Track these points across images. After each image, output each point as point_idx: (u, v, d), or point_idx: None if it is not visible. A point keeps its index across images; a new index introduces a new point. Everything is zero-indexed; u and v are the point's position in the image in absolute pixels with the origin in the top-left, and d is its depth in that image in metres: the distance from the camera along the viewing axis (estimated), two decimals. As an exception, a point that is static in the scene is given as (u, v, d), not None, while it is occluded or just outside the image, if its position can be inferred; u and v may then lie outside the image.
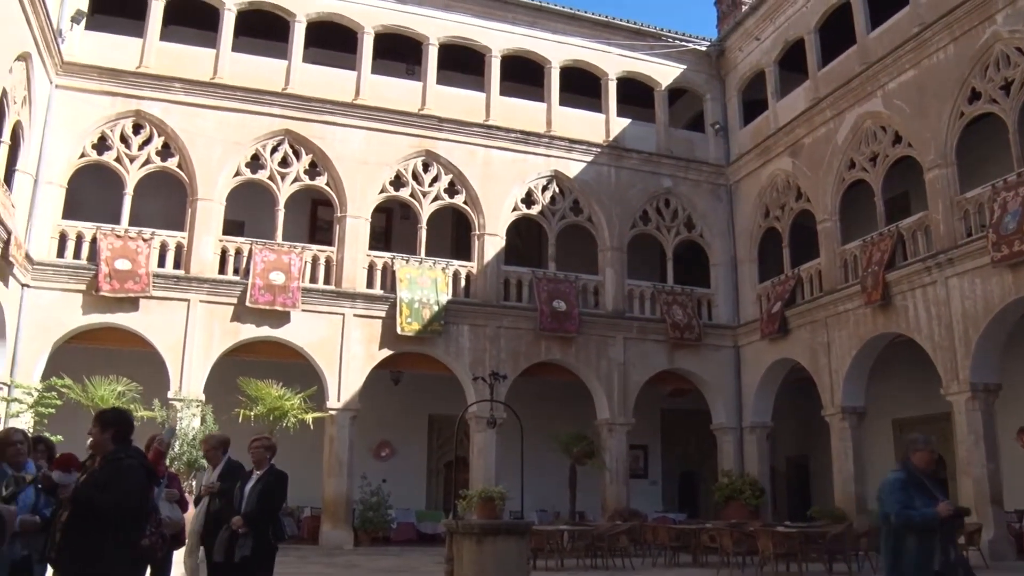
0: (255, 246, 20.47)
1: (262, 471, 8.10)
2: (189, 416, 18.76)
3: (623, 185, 24.12)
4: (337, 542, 20.03)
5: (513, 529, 11.57)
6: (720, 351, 24.01)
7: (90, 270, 19.25)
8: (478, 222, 22.57)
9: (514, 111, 23.64)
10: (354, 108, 22.05)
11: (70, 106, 19.92)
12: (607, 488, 22.56)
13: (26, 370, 18.38)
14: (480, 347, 21.77)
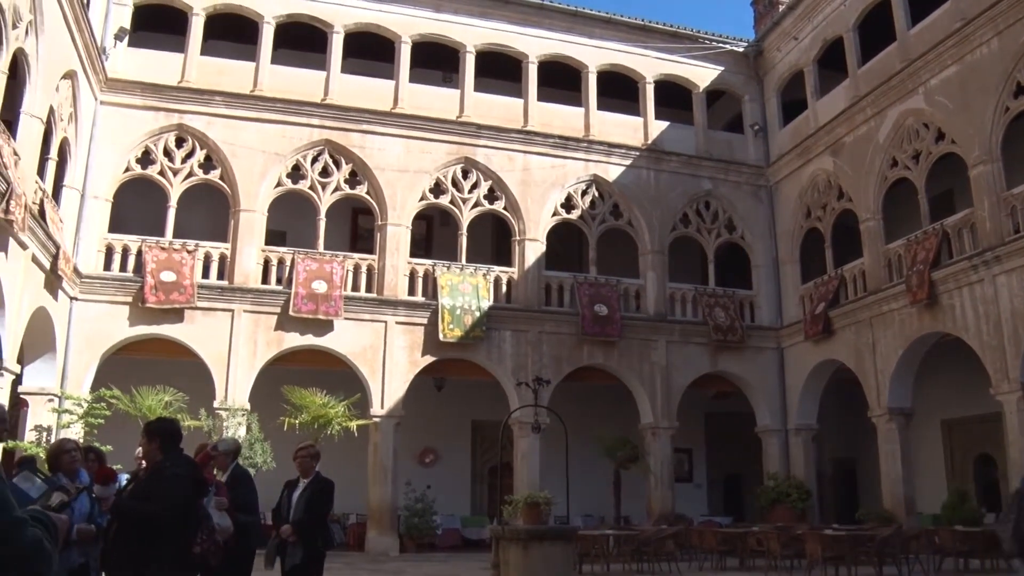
0: (297, 255, 20.65)
1: (308, 479, 8.15)
2: (235, 425, 18.95)
3: (663, 188, 24.04)
4: (383, 548, 20.11)
5: (559, 534, 11.55)
6: (763, 353, 23.83)
7: (136, 282, 19.52)
8: (518, 228, 22.60)
9: (552, 116, 23.66)
10: (393, 117, 22.18)
11: (115, 122, 20.24)
12: (652, 492, 22.46)
13: (76, 381, 18.71)
14: (522, 352, 21.78)
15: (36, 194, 15.90)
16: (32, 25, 15.08)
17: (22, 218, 14.22)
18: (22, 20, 14.57)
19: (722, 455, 27.25)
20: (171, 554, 5.89)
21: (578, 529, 14.74)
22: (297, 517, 7.86)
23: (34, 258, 15.82)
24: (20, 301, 15.25)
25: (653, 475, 22.32)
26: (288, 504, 8.08)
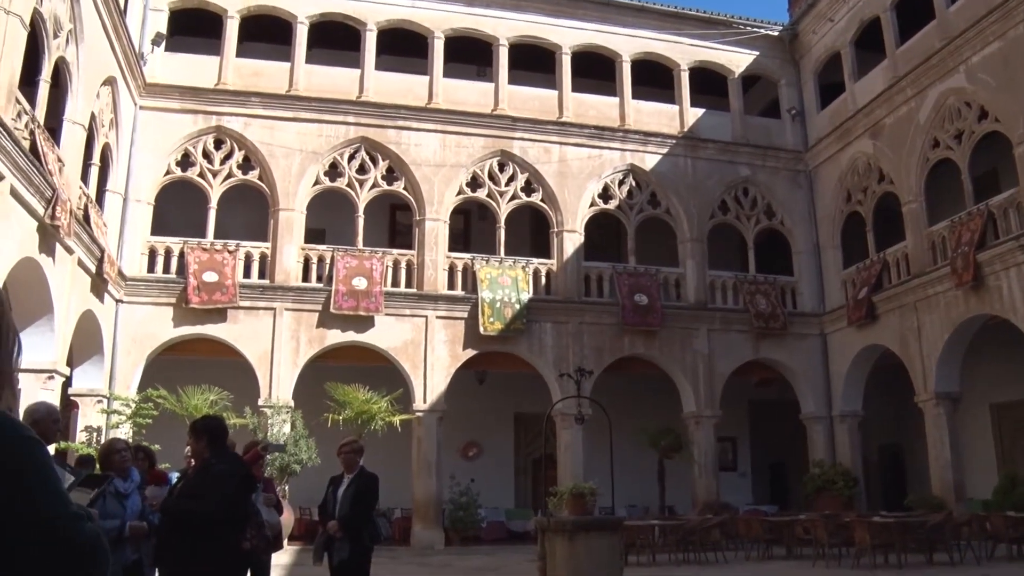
0: (337, 253, 20.79)
1: (353, 474, 8.17)
2: (279, 422, 19.14)
3: (700, 176, 23.90)
4: (428, 542, 20.21)
5: (605, 525, 11.54)
6: (806, 339, 23.63)
7: (179, 283, 19.76)
8: (556, 219, 22.58)
9: (587, 107, 23.61)
10: (428, 112, 22.24)
11: (154, 126, 20.48)
12: (696, 481, 22.38)
13: (124, 382, 19.00)
14: (563, 344, 21.77)
15: (80, 199, 16.14)
16: (72, 34, 15.30)
17: (68, 223, 14.43)
18: (62, 29, 14.79)
19: (766, 443, 27.08)
20: (221, 549, 6.00)
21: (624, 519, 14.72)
22: (343, 513, 7.87)
23: (80, 262, 16.06)
24: (68, 305, 15.49)
25: (697, 464, 22.24)
26: (334, 500, 8.09)
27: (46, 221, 13.83)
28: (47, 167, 13.66)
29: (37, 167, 13.21)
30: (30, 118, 13.53)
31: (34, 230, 13.73)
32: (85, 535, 1.63)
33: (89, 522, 1.68)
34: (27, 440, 1.61)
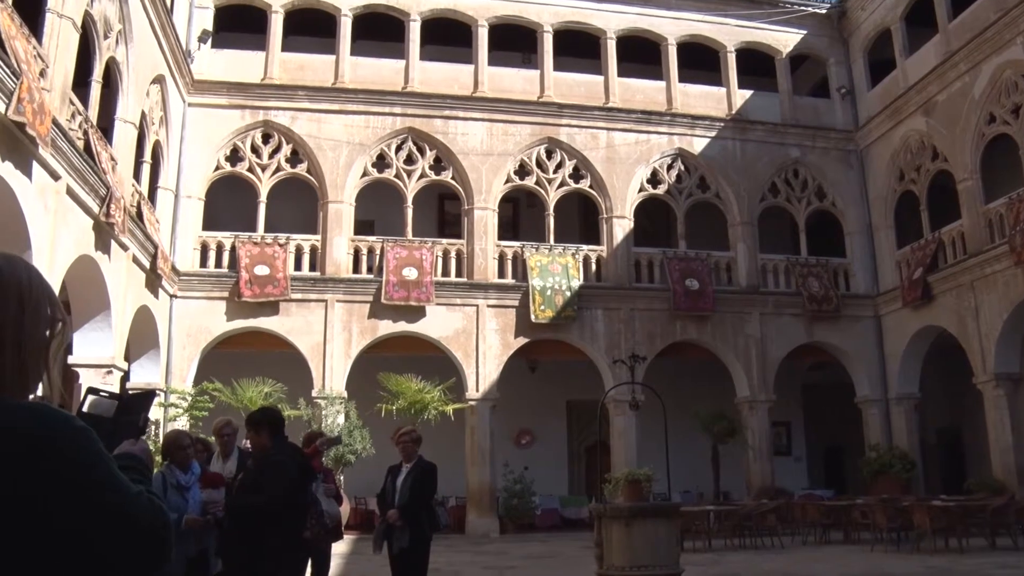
0: (387, 244, 20.87)
1: (411, 463, 8.18)
2: (333, 413, 19.29)
3: (749, 158, 23.64)
4: (483, 530, 20.27)
5: (662, 511, 11.46)
6: (860, 322, 23.31)
7: (231, 277, 19.96)
8: (605, 205, 22.47)
9: (634, 92, 23.44)
10: (474, 101, 22.22)
11: (203, 122, 20.69)
12: (751, 466, 22.21)
13: (179, 376, 19.28)
14: (615, 330, 21.70)
15: (133, 197, 16.36)
16: (122, 34, 15.49)
17: (122, 220, 14.63)
18: (112, 30, 14.98)
19: (821, 427, 26.76)
20: (284, 539, 6.08)
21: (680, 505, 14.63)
22: (402, 502, 7.87)
23: (134, 258, 16.30)
24: (124, 300, 15.72)
25: (751, 449, 22.07)
26: (392, 489, 8.11)
27: (101, 219, 14.04)
28: (101, 166, 13.86)
29: (91, 166, 13.42)
30: (83, 118, 13.72)
31: (90, 228, 13.96)
32: (145, 510, 1.62)
33: (150, 496, 1.67)
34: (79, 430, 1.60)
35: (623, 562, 10.87)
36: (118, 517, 1.57)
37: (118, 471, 1.62)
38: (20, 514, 1.50)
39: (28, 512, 1.51)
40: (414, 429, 8.86)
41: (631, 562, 10.85)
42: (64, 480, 1.53)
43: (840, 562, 14.57)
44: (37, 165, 11.59)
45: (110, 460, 1.63)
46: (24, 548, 1.51)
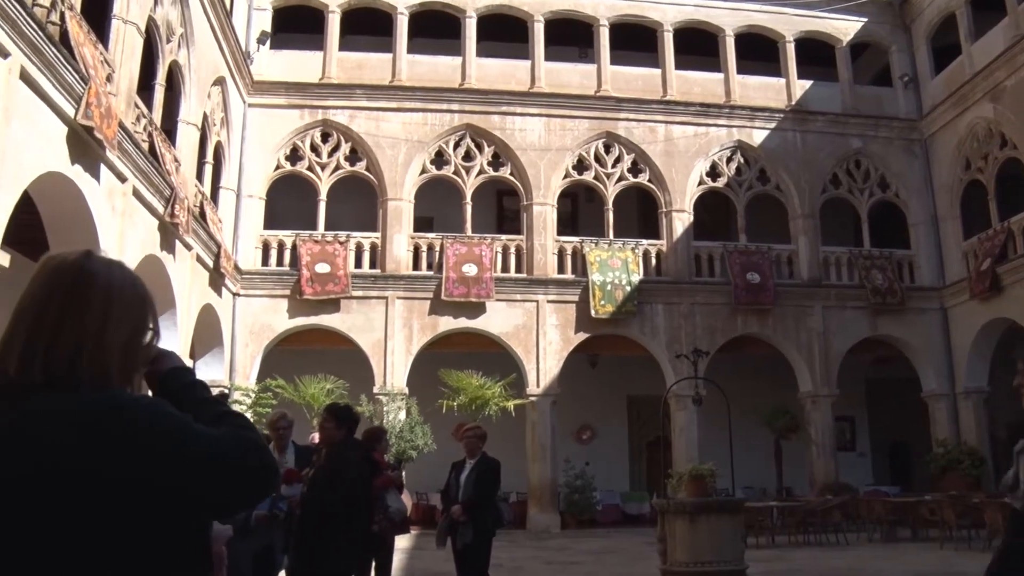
0: (446, 240, 20.96)
1: (475, 459, 8.22)
2: (395, 409, 19.42)
3: (810, 149, 23.31)
4: (544, 525, 20.27)
5: (727, 506, 11.37)
6: (926, 314, 22.85)
7: (292, 275, 20.19)
8: (664, 199, 22.33)
9: (691, 84, 23.26)
10: (531, 96, 22.21)
11: (263, 122, 20.95)
12: (814, 462, 21.92)
13: (243, 373, 19.57)
14: (675, 325, 21.55)
15: (196, 197, 16.59)
16: (183, 38, 15.74)
17: (186, 220, 14.87)
18: (174, 34, 15.23)
19: (886, 422, 26.30)
20: (352, 533, 6.19)
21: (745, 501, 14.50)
22: (466, 497, 7.94)
23: (198, 258, 16.56)
24: (189, 299, 15.98)
25: (814, 444, 21.78)
26: (456, 485, 8.17)
27: (166, 219, 14.28)
28: (165, 167, 14.09)
29: (156, 168, 13.65)
30: (148, 121, 13.95)
31: (155, 228, 14.20)
32: (232, 448, 1.65)
33: (235, 432, 1.69)
34: (169, 413, 1.64)
35: (687, 558, 10.80)
36: (207, 464, 1.61)
37: (193, 423, 1.65)
38: (114, 492, 1.54)
39: (120, 489, 1.55)
40: (479, 425, 8.89)
41: (695, 558, 10.78)
42: (148, 449, 1.57)
43: (909, 560, 14.33)
44: (105, 168, 11.81)
45: (183, 417, 1.65)
46: (123, 521, 1.56)
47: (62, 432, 1.54)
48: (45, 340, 1.62)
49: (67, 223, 11.33)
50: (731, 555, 11.00)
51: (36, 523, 1.53)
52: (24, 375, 1.61)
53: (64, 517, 1.53)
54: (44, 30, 9.58)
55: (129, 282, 1.76)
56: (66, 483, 1.52)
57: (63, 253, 1.75)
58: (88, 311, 1.66)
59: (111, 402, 1.61)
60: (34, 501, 1.53)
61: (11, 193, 9.40)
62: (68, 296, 1.66)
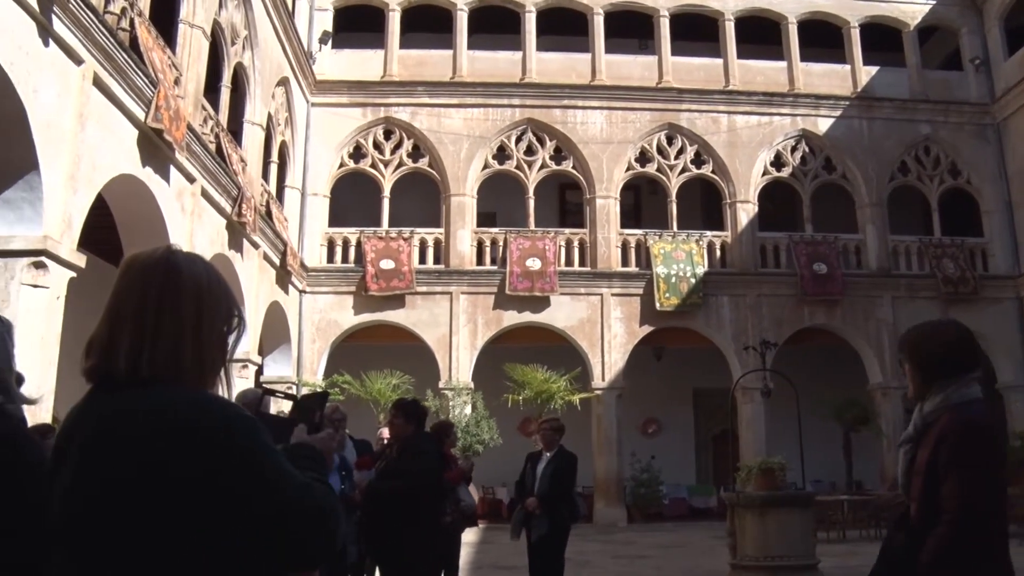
0: (509, 235, 21.01)
1: (552, 452, 8.20)
2: (460, 404, 19.53)
3: (877, 137, 22.88)
4: (611, 519, 20.23)
5: (797, 500, 11.27)
6: (1000, 304, 22.30)
7: (358, 272, 20.40)
8: (728, 190, 22.11)
9: (754, 73, 22.97)
10: (592, 90, 22.14)
11: (326, 121, 21.18)
12: (885, 455, 21.50)
13: (310, 369, 19.85)
14: (741, 317, 21.35)
15: (262, 196, 16.85)
16: (247, 40, 15.98)
17: (253, 219, 15.10)
18: (239, 36, 15.47)
19: (960, 414, 25.65)
20: (424, 524, 6.26)
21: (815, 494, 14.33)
22: (543, 490, 7.93)
23: (265, 256, 16.81)
24: (256, 297, 16.23)
25: (885, 437, 21.38)
26: (532, 477, 8.15)
27: (233, 218, 14.52)
28: (232, 167, 14.32)
29: (223, 168, 13.89)
30: (215, 122, 14.19)
31: (223, 227, 14.45)
32: (315, 496, 1.67)
33: (319, 484, 1.72)
34: (249, 419, 1.67)
35: (757, 552, 10.71)
36: (284, 505, 1.62)
37: (285, 461, 1.68)
38: (190, 497, 1.57)
39: (197, 499, 1.57)
40: (556, 417, 8.90)
41: (765, 552, 10.69)
42: (233, 468, 1.59)
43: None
44: (174, 169, 12.05)
45: (277, 451, 1.68)
46: (195, 532, 1.57)
47: (160, 429, 1.58)
48: (149, 337, 1.66)
49: (139, 224, 11.60)
50: (802, 549, 10.88)
51: (137, 520, 1.56)
52: (132, 372, 1.65)
53: (155, 513, 1.56)
54: (115, 36, 9.81)
55: (214, 276, 1.80)
56: (163, 482, 1.56)
57: (148, 251, 1.79)
58: (183, 307, 1.71)
59: (216, 401, 1.68)
60: (134, 498, 1.56)
61: (86, 195, 9.66)
62: (162, 293, 1.70)
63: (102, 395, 1.66)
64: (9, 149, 8.47)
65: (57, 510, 1.65)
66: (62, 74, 9.00)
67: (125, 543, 1.57)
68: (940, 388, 2.98)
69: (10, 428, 2.21)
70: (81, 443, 1.63)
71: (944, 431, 2.90)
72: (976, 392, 2.99)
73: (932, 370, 3.03)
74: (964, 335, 3.08)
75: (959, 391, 2.96)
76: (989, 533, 2.83)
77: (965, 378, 2.98)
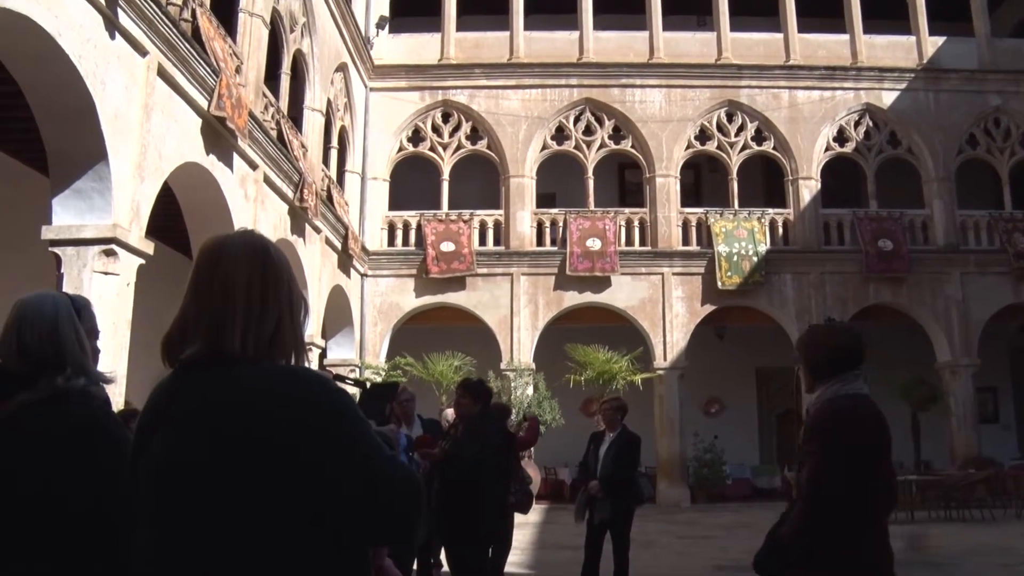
0: (569, 215, 20.98)
1: (615, 433, 8.11)
2: (522, 385, 19.58)
3: (943, 109, 22.36)
4: (674, 500, 20.18)
5: (863, 481, 11.10)
6: (1075, 278, 21.73)
7: (418, 255, 20.54)
8: (790, 167, 21.81)
9: (815, 47, 22.57)
10: (650, 68, 21.96)
11: (384, 105, 21.30)
12: (954, 435, 21.17)
13: (373, 352, 20.09)
14: (804, 295, 21.08)
15: (323, 181, 17.01)
16: (306, 27, 16.10)
17: (314, 204, 15.28)
18: (297, 24, 15.59)
19: (1032, 392, 25.14)
20: (492, 500, 6.33)
21: (882, 475, 14.12)
22: (605, 473, 7.83)
23: (327, 240, 17.00)
24: (319, 281, 16.43)
25: (954, 417, 21.03)
26: (595, 458, 8.06)
27: (295, 204, 14.69)
28: (293, 153, 14.47)
29: (284, 154, 14.04)
30: (275, 109, 14.34)
31: (286, 213, 14.63)
32: (404, 474, 1.70)
33: (402, 464, 1.75)
34: (341, 391, 1.72)
35: (824, 533, 10.60)
36: (379, 475, 1.65)
37: (377, 436, 1.71)
38: (287, 470, 1.61)
39: (294, 468, 1.61)
40: (618, 396, 8.81)
41: (832, 533, 10.57)
42: (327, 437, 1.63)
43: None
44: (237, 156, 12.21)
45: (370, 426, 1.72)
46: (289, 504, 1.61)
47: (266, 403, 1.64)
48: (256, 318, 1.73)
49: (204, 211, 11.79)
50: (869, 530, 10.75)
51: (234, 491, 1.61)
52: (243, 350, 1.71)
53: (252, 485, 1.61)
54: (178, 27, 9.96)
55: (286, 258, 1.88)
56: (264, 454, 1.61)
57: (238, 235, 1.86)
58: (281, 288, 1.79)
59: (316, 376, 1.75)
60: (234, 469, 1.61)
61: (153, 184, 9.84)
62: (265, 275, 1.78)
63: (199, 373, 1.70)
64: (79, 141, 8.67)
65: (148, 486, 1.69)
66: (128, 66, 9.16)
67: (219, 515, 1.61)
68: (825, 384, 3.36)
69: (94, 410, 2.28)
70: (179, 419, 1.68)
71: (810, 421, 3.33)
72: (857, 388, 3.33)
73: (819, 369, 3.41)
74: (851, 340, 3.46)
75: (834, 387, 3.32)
76: (842, 515, 3.11)
77: (846, 375, 3.33)
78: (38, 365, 2.28)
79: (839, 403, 3.28)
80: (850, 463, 3.14)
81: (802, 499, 3.20)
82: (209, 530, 1.61)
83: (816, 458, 3.19)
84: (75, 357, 2.31)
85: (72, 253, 8.65)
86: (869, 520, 3.21)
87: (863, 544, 3.15)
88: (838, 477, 3.11)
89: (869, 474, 3.19)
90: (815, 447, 3.22)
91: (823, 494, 3.13)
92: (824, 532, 3.12)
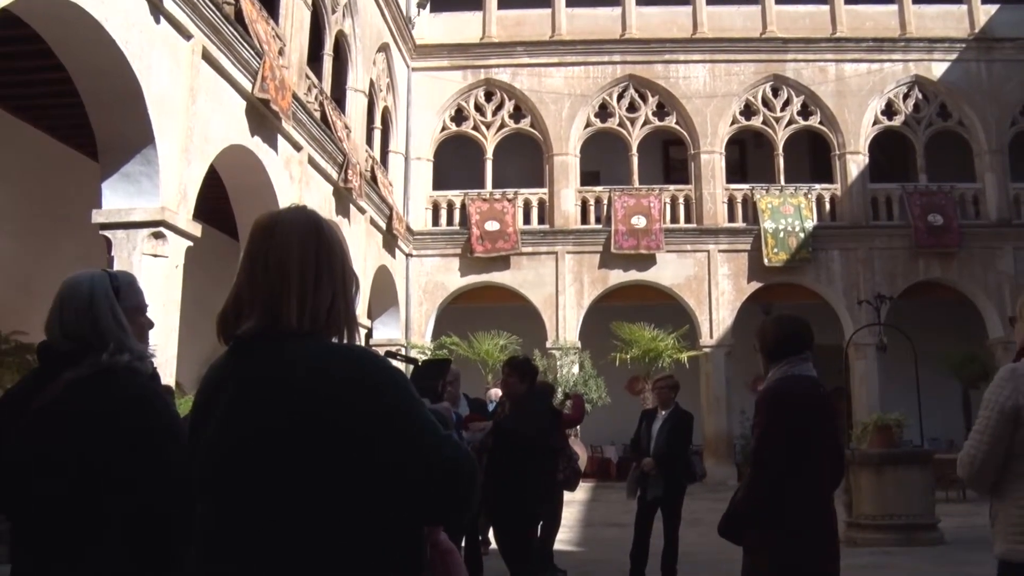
0: (613, 193, 20.89)
1: (668, 410, 8.11)
2: (568, 363, 19.58)
3: (996, 80, 21.87)
4: (721, 478, 20.00)
5: (915, 457, 11.08)
6: None
7: (463, 234, 20.57)
8: (837, 141, 21.49)
9: (863, 18, 22.17)
10: (694, 43, 21.73)
11: (427, 85, 21.28)
12: (1008, 411, 20.80)
13: (418, 331, 20.18)
14: (852, 271, 20.82)
15: (367, 162, 17.07)
16: (347, 8, 16.13)
17: (358, 185, 15.34)
18: (339, 4, 15.64)
19: (1088, 367, 24.59)
20: (539, 477, 6.35)
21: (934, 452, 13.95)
22: (658, 450, 7.83)
23: (372, 220, 17.09)
24: (364, 261, 16.51)
25: (1008, 393, 20.65)
26: (647, 436, 8.06)
27: (340, 184, 14.77)
28: (337, 135, 14.53)
29: (328, 135, 14.11)
30: (319, 91, 14.39)
31: (330, 194, 14.72)
32: (462, 455, 1.69)
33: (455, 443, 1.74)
34: (395, 369, 1.72)
35: (874, 511, 10.57)
36: (433, 454, 1.65)
37: (431, 415, 1.71)
38: (343, 447, 1.61)
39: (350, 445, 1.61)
40: (671, 375, 8.83)
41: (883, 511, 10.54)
42: (387, 420, 1.64)
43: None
44: (281, 138, 12.29)
45: (424, 404, 1.72)
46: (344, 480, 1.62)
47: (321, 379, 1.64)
48: (311, 293, 1.73)
49: (250, 193, 11.88)
50: (921, 508, 10.71)
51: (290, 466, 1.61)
52: (299, 326, 1.71)
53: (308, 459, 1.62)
54: (221, 10, 10.03)
55: (339, 234, 1.87)
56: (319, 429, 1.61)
57: (291, 211, 1.85)
58: (335, 264, 1.79)
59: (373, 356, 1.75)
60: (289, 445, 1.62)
61: (199, 167, 9.94)
62: (319, 251, 1.77)
63: (255, 349, 1.71)
64: (127, 125, 8.77)
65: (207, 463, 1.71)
66: (173, 50, 9.24)
67: (279, 492, 1.62)
68: (774, 367, 3.74)
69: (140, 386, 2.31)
70: (237, 396, 1.68)
71: (758, 398, 3.72)
72: (803, 370, 3.70)
73: (772, 354, 3.77)
74: (798, 327, 3.82)
75: (783, 368, 3.69)
76: (784, 482, 3.49)
77: (793, 359, 3.70)
78: (79, 343, 2.31)
79: (784, 383, 3.66)
80: (789, 436, 3.52)
81: (749, 476, 3.65)
82: (268, 507, 1.62)
83: (760, 431, 3.60)
84: (113, 333, 2.33)
85: (122, 236, 8.78)
86: (810, 487, 3.57)
87: (805, 508, 3.52)
88: (779, 448, 3.52)
89: (807, 446, 3.55)
90: (760, 420, 3.62)
91: (766, 463, 3.56)
92: (769, 498, 3.53)
